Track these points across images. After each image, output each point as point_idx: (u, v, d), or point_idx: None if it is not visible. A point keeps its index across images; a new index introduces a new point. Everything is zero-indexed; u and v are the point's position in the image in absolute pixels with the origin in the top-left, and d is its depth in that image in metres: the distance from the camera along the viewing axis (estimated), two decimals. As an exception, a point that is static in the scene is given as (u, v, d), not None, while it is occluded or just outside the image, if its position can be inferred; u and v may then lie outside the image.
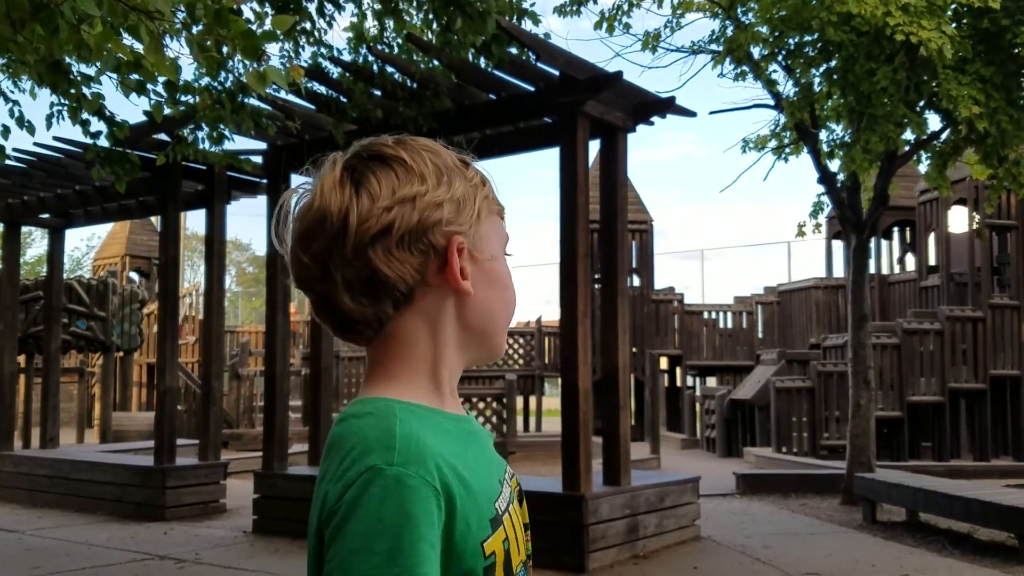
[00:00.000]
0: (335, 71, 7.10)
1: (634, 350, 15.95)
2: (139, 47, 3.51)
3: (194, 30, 3.48)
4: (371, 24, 7.09)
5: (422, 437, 0.90)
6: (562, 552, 6.31)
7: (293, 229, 0.98)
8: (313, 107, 7.45)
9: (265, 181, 8.78)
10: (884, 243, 17.60)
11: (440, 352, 1.00)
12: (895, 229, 17.34)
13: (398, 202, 0.95)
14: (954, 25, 8.26)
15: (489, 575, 0.92)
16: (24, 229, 11.30)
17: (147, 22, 3.19)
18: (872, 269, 13.42)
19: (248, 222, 71.54)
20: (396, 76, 7.06)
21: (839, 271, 17.04)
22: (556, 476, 6.88)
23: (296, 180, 8.63)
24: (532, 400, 18.66)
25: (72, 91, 4.82)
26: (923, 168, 10.85)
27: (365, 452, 0.87)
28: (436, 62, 6.82)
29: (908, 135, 9.09)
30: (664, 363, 17.80)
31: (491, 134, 7.53)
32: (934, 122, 9.31)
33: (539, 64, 6.53)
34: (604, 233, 7.18)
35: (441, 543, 0.87)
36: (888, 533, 7.82)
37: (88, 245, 33.37)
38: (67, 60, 4.53)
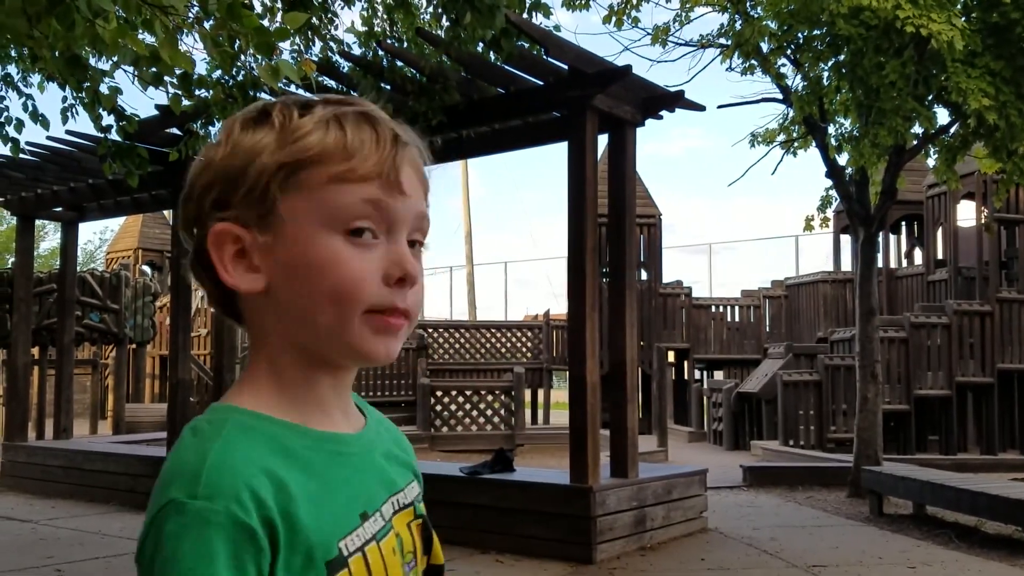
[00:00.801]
0: (345, 65, 7.15)
1: (641, 344, 15.99)
2: (152, 41, 3.57)
3: (207, 25, 3.54)
4: (381, 19, 7.13)
5: (239, 462, 0.76)
6: (569, 543, 6.36)
7: None
8: (323, 101, 7.47)
9: (276, 175, 8.84)
10: (892, 237, 17.56)
11: (274, 352, 0.84)
12: (903, 223, 17.30)
13: (190, 189, 0.85)
14: (963, 18, 8.25)
15: None
16: (38, 222, 11.39)
17: (161, 17, 3.24)
18: (880, 263, 13.40)
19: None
20: (406, 70, 7.10)
21: (847, 265, 17.02)
22: (563, 468, 6.93)
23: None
24: (540, 393, 18.73)
25: (88, 85, 4.88)
26: (931, 162, 10.85)
27: (169, 481, 0.75)
28: (445, 57, 6.86)
29: (917, 129, 9.08)
30: (671, 357, 17.83)
31: (500, 128, 7.57)
32: (943, 116, 9.32)
33: (548, 58, 6.56)
34: (612, 227, 7.21)
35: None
36: (895, 526, 7.84)
37: (101, 238, 33.57)
38: (82, 54, 4.58)
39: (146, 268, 22.14)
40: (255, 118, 0.84)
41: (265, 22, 5.66)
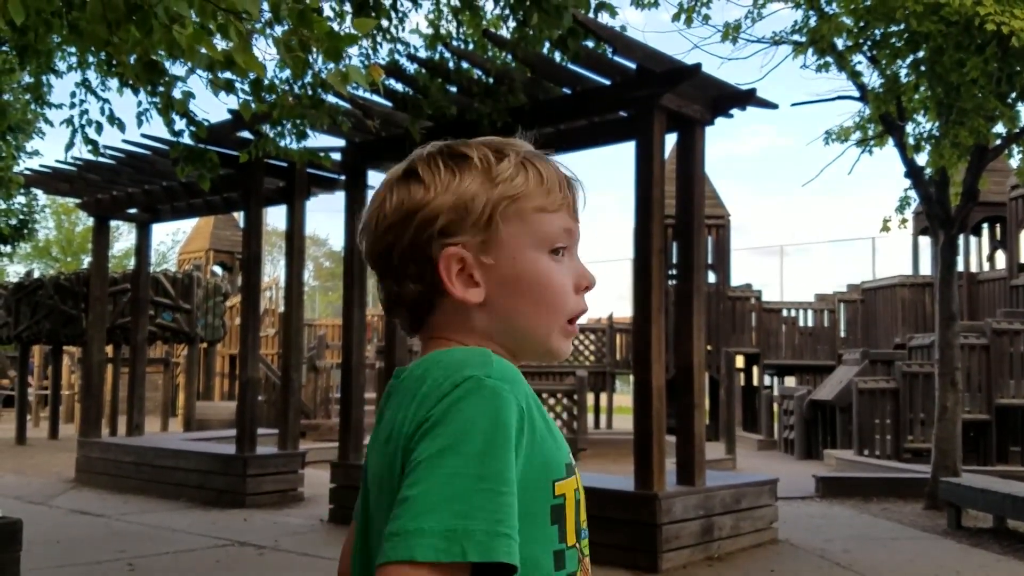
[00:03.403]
0: (411, 68, 7.17)
1: (709, 348, 15.74)
2: (224, 47, 3.59)
3: (278, 31, 3.55)
4: (447, 20, 7.14)
5: (512, 369, 0.93)
6: (634, 551, 6.26)
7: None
8: (390, 104, 7.52)
9: (343, 178, 8.92)
10: (973, 240, 17.01)
11: (488, 344, 1.00)
12: (984, 225, 16.74)
13: (399, 219, 0.99)
14: (1052, 13, 7.90)
15: (558, 516, 0.93)
16: (112, 223, 11.70)
17: (236, 23, 3.26)
18: (960, 266, 12.97)
19: (325, 218, 72.98)
20: (472, 72, 7.08)
21: (926, 268, 16.54)
22: (627, 475, 6.83)
23: (373, 177, 8.76)
24: (603, 397, 18.58)
25: (162, 90, 4.96)
26: (1015, 162, 10.45)
27: (461, 366, 0.90)
28: (511, 57, 6.82)
29: (999, 128, 8.75)
30: (741, 362, 17.52)
31: (565, 129, 7.50)
32: (1028, 114, 8.94)
33: (615, 57, 6.47)
34: (680, 228, 7.08)
35: (519, 467, 0.88)
36: (974, 540, 7.56)
37: (173, 239, 34.47)
38: (158, 59, 4.67)
39: (217, 269, 22.63)
40: (454, 161, 1.00)
41: (334, 26, 5.70)
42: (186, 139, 6.10)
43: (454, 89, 7.22)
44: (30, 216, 17.10)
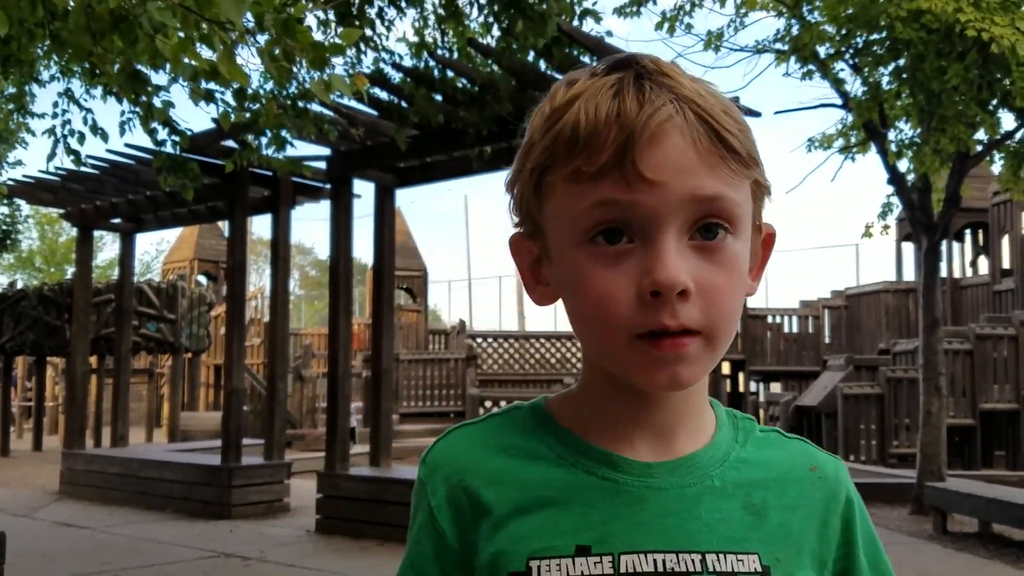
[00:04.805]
0: (397, 77, 7.17)
1: (695, 354, 15.71)
2: (209, 55, 3.59)
3: (261, 39, 3.55)
4: (432, 28, 7.14)
5: (460, 446, 0.79)
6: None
7: None
8: (376, 113, 7.52)
9: (328, 186, 8.91)
10: (956, 245, 17.14)
11: (585, 364, 0.80)
12: (967, 231, 16.86)
13: None
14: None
15: None
16: (96, 233, 11.63)
17: (220, 32, 3.26)
18: (944, 272, 13.06)
19: (311, 227, 72.82)
20: (457, 81, 7.09)
21: (909, 274, 16.62)
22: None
23: (358, 185, 8.75)
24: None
25: (143, 100, 4.94)
26: (996, 169, 10.55)
27: None
28: (496, 66, 6.83)
29: (981, 135, 8.83)
30: (726, 368, 17.56)
31: (551, 137, 7.51)
32: (1008, 121, 9.04)
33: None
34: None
35: (457, 559, 0.77)
36: (959, 544, 7.59)
37: (158, 249, 34.27)
38: (142, 69, 4.65)
39: (202, 279, 22.53)
40: (544, 105, 0.74)
41: (319, 35, 5.70)
42: (168, 148, 6.08)
43: (439, 98, 7.23)
44: (13, 226, 16.99)
